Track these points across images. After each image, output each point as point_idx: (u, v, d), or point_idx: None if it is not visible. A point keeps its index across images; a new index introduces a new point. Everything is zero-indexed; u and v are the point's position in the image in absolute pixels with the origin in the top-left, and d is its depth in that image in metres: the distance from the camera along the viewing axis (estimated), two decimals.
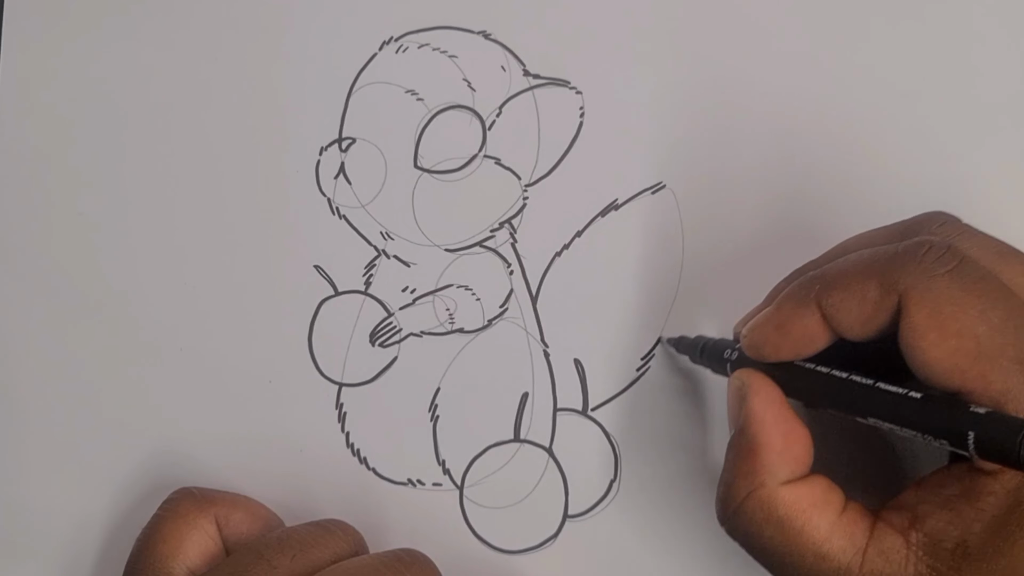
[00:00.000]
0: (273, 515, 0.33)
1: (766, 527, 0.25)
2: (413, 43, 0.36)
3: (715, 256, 0.33)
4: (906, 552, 0.24)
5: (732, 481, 0.26)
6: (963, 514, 0.23)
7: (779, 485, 0.25)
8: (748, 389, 0.27)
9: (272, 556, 0.28)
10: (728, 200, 0.33)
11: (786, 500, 0.25)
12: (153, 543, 0.30)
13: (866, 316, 0.24)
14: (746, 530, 0.26)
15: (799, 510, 0.25)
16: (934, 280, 0.23)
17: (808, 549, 0.24)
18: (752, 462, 0.26)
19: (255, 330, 0.35)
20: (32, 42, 0.38)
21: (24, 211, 0.37)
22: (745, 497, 0.25)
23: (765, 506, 0.25)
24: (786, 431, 0.26)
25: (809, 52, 0.33)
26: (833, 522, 0.25)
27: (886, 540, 0.24)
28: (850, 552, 0.24)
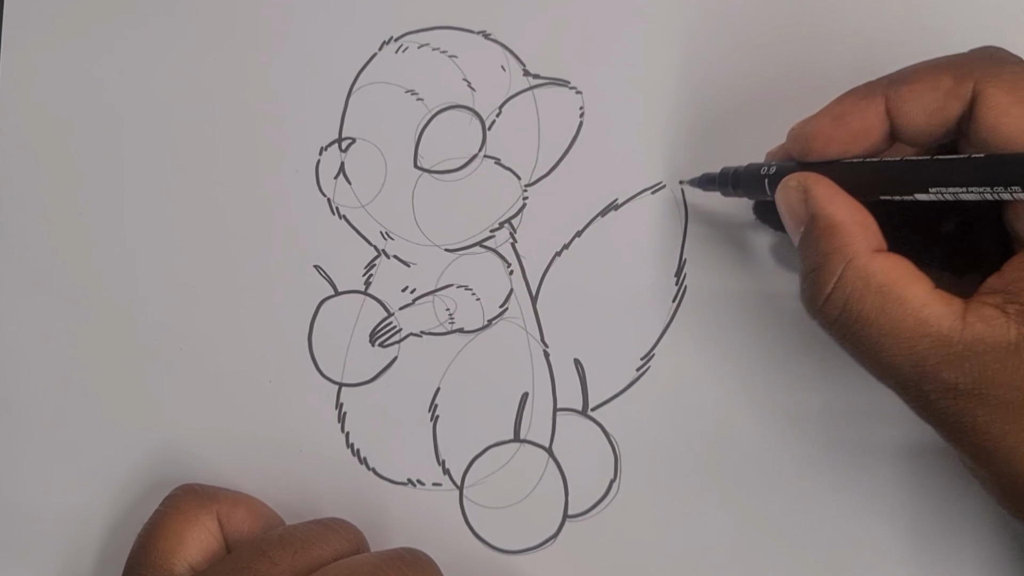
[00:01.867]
0: (274, 513, 0.33)
1: (867, 294, 0.25)
2: (413, 43, 0.36)
3: (715, 255, 0.33)
4: (1005, 319, 0.24)
5: (822, 262, 0.25)
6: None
7: (873, 252, 0.25)
8: (807, 182, 0.26)
9: (273, 552, 0.28)
10: (728, 200, 0.33)
11: (884, 266, 0.25)
12: (154, 539, 0.30)
13: (936, 104, 0.25)
14: (844, 304, 0.25)
15: (897, 276, 0.25)
16: (1007, 67, 0.24)
17: (908, 315, 0.24)
18: (839, 237, 0.25)
19: (255, 330, 0.35)
20: (32, 42, 0.38)
21: (24, 211, 0.37)
22: (843, 268, 0.25)
23: (864, 273, 0.25)
24: (859, 208, 0.26)
25: (810, 52, 0.33)
26: (930, 291, 0.25)
27: (984, 309, 0.24)
28: (950, 317, 0.24)
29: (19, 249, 0.37)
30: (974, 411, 0.24)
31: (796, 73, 0.33)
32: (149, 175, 0.37)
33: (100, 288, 0.36)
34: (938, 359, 0.24)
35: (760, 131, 0.33)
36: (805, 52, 0.33)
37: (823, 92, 0.33)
